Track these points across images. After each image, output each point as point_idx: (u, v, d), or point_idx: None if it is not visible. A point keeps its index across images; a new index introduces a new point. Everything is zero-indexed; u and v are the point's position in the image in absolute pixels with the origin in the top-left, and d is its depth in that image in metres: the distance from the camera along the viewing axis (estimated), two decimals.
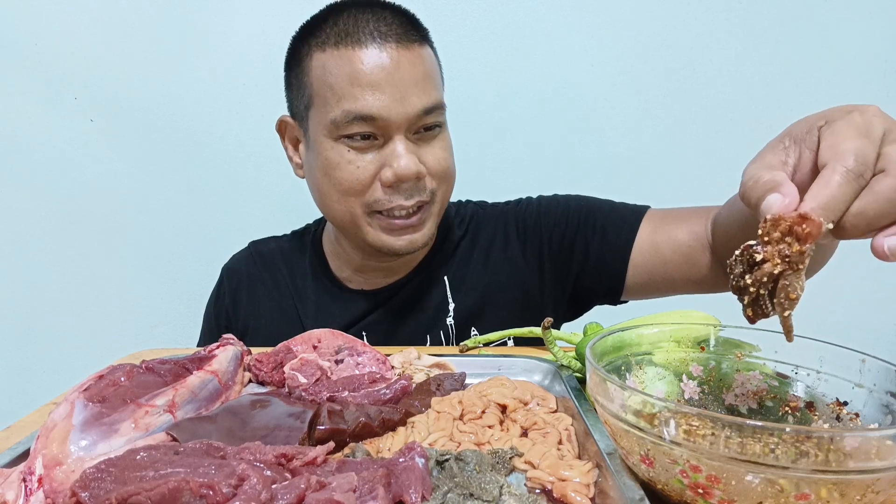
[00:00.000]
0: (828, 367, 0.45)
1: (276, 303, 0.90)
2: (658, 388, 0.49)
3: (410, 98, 0.71)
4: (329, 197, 0.76)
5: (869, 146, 0.38)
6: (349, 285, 0.88)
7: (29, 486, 0.38)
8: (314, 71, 0.73)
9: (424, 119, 0.73)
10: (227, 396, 0.54)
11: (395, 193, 0.73)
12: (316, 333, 0.66)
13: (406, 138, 0.72)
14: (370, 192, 0.73)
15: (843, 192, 0.36)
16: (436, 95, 0.74)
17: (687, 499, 0.36)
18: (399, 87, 0.70)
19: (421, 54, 0.73)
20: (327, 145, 0.73)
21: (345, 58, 0.70)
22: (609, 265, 0.82)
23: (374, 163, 0.72)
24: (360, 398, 0.52)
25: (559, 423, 0.47)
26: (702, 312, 0.55)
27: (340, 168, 0.73)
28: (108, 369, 0.49)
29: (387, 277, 0.87)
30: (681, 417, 0.39)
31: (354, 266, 0.86)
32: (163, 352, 0.69)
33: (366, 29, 0.71)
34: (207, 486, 0.34)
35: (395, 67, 0.70)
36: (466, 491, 0.37)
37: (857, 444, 0.33)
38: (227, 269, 0.96)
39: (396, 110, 0.70)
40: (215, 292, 0.96)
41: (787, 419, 0.46)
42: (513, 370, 0.60)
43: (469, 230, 0.90)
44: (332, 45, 0.71)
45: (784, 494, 0.32)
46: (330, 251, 0.90)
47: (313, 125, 0.75)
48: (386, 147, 0.72)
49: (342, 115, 0.70)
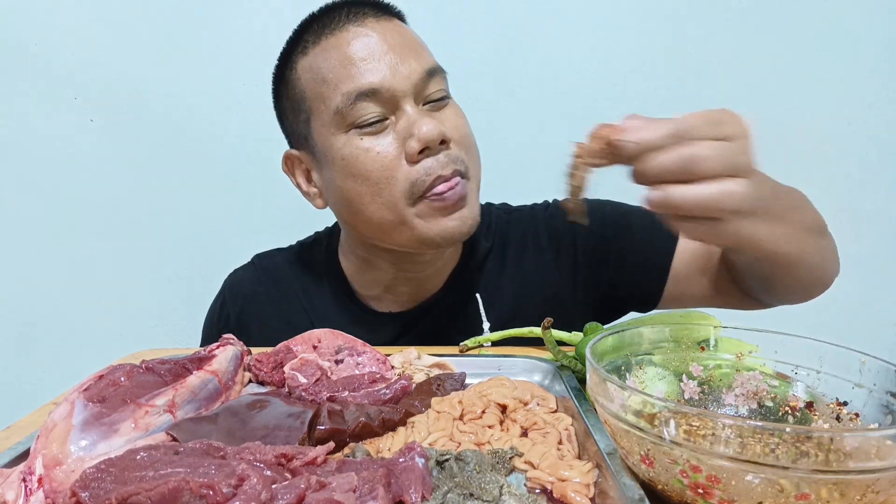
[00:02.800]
0: (828, 367, 0.45)
1: (290, 323, 0.82)
2: (658, 388, 0.49)
3: (408, 62, 0.68)
4: (361, 200, 0.70)
5: (702, 123, 0.45)
6: (376, 307, 0.82)
7: (29, 486, 0.38)
8: (303, 77, 0.71)
9: (429, 85, 0.69)
10: (227, 396, 0.54)
11: (428, 164, 0.67)
12: (316, 333, 0.66)
13: (418, 106, 0.69)
14: (403, 175, 0.67)
15: (656, 135, 0.45)
16: (433, 60, 0.71)
17: (687, 499, 0.36)
18: (392, 55, 0.67)
19: (404, 28, 0.72)
20: (339, 143, 0.69)
21: (329, 47, 0.68)
22: (648, 274, 0.78)
23: (393, 143, 0.68)
24: (360, 398, 0.52)
25: (559, 423, 0.47)
26: (702, 312, 0.56)
27: (360, 160, 0.68)
28: (108, 369, 0.49)
29: (416, 295, 0.81)
30: (681, 417, 0.39)
31: (384, 283, 0.80)
32: (163, 352, 0.69)
33: (340, 17, 0.69)
34: (207, 486, 0.34)
35: (381, 38, 0.68)
36: (466, 491, 0.37)
37: (857, 444, 0.33)
38: (229, 286, 0.89)
39: (398, 77, 0.67)
40: (216, 311, 0.88)
41: (787, 419, 0.46)
42: (513, 370, 0.60)
43: (496, 241, 0.85)
44: (312, 45, 0.70)
45: (784, 494, 0.32)
46: (352, 269, 0.83)
47: (318, 133, 0.71)
48: (400, 122, 0.68)
49: (344, 99, 0.67)
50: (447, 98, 0.73)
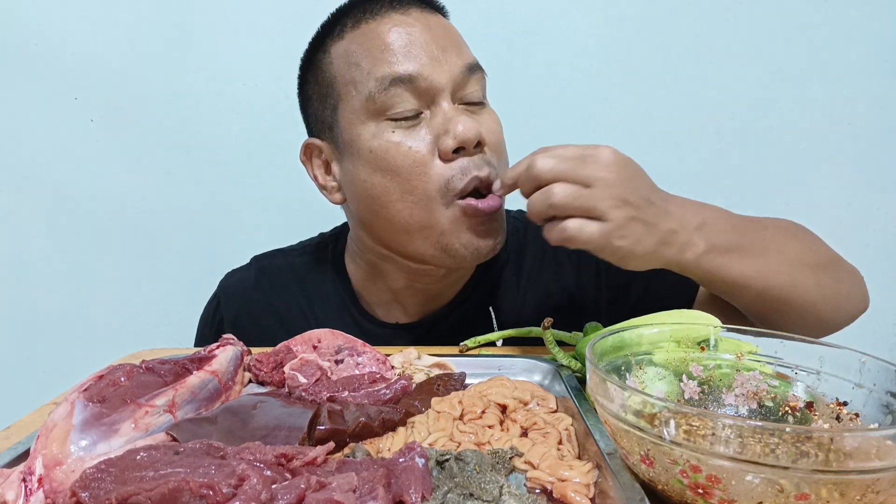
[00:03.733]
0: (828, 367, 0.45)
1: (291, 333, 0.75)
2: (658, 388, 0.49)
3: (449, 55, 0.64)
4: (388, 197, 0.65)
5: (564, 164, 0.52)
6: (382, 317, 0.78)
7: (29, 486, 0.38)
8: (335, 62, 0.67)
9: (469, 83, 0.66)
10: (227, 396, 0.54)
11: (464, 164, 0.63)
12: (316, 333, 0.66)
13: (455, 104, 0.65)
14: (437, 172, 0.63)
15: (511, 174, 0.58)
16: (473, 57, 0.68)
17: (687, 499, 0.36)
18: (434, 46, 0.64)
19: (445, 21, 0.69)
20: (368, 133, 0.65)
21: (368, 33, 0.65)
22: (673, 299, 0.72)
23: (426, 139, 0.63)
24: (360, 398, 0.52)
25: (559, 424, 0.47)
26: (702, 312, 0.56)
27: (390, 153, 0.63)
28: (108, 369, 0.49)
29: (425, 307, 0.78)
30: (681, 417, 0.39)
31: (394, 290, 0.76)
32: (163, 352, 0.69)
33: (383, 4, 0.66)
34: (207, 486, 0.33)
35: (424, 28, 0.65)
36: (466, 491, 0.37)
37: (857, 444, 0.33)
38: (224, 289, 0.84)
39: (438, 68, 0.63)
40: (209, 315, 0.84)
41: (787, 419, 0.46)
42: (513, 370, 0.60)
43: (512, 253, 0.80)
44: (351, 29, 0.66)
45: (784, 494, 0.32)
46: (359, 275, 0.79)
47: (346, 121, 0.66)
48: (435, 118, 0.64)
49: (377, 85, 0.63)
50: (484, 102, 0.70)
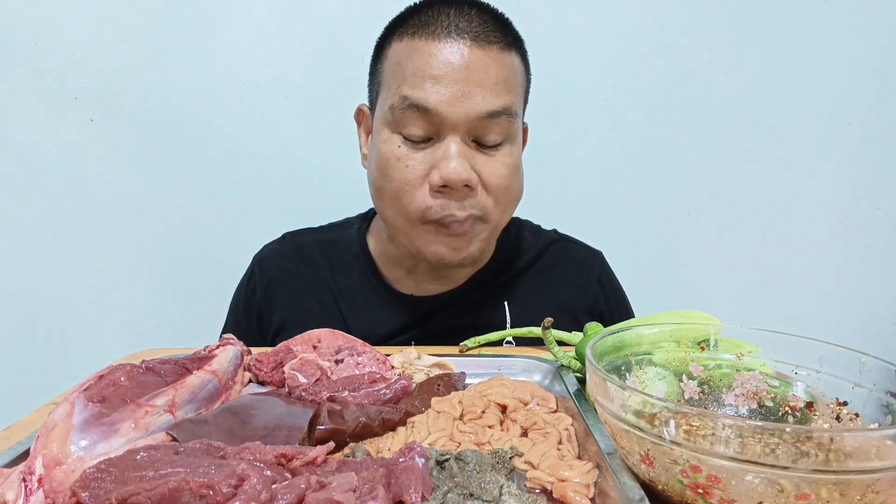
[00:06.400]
0: (828, 367, 0.45)
1: (317, 300, 0.85)
2: (658, 388, 0.49)
3: (474, 98, 0.66)
4: (382, 195, 0.73)
5: None
6: (398, 288, 0.84)
7: (29, 486, 0.38)
8: (388, 59, 0.71)
9: (487, 126, 0.68)
10: (227, 396, 0.54)
11: (447, 200, 0.69)
12: (316, 333, 0.66)
13: (463, 142, 0.68)
14: (421, 197, 0.69)
15: None
16: (506, 100, 0.69)
17: (687, 499, 0.36)
18: (463, 86, 0.66)
19: (500, 58, 0.69)
20: (384, 136, 0.71)
21: (416, 48, 0.68)
22: None
23: (424, 163, 0.69)
24: (360, 398, 0.52)
25: (559, 423, 0.47)
26: (702, 312, 0.56)
27: (390, 165, 0.69)
28: (108, 369, 0.49)
29: (436, 284, 0.83)
30: (681, 417, 0.39)
31: (406, 268, 0.83)
32: (163, 352, 0.69)
33: (444, 22, 0.68)
34: (207, 486, 0.33)
35: (463, 65, 0.66)
36: (466, 491, 0.37)
37: (857, 444, 0.33)
38: (258, 260, 0.91)
39: (455, 108, 0.66)
40: (244, 284, 0.91)
41: (787, 419, 0.46)
42: (513, 370, 0.60)
43: (539, 265, 0.87)
44: (410, 36, 0.69)
45: (784, 494, 0.32)
46: (378, 251, 0.86)
47: (378, 111, 0.73)
48: (439, 147, 0.68)
49: (399, 101, 0.68)
50: (503, 144, 0.71)
